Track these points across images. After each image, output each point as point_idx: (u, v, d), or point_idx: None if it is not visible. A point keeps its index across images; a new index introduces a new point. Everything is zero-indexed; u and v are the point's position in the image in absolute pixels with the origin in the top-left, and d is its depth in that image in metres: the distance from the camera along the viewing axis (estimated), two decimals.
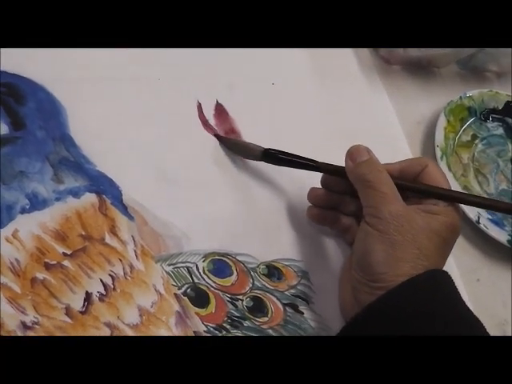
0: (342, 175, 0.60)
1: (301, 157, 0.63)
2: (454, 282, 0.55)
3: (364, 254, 0.56)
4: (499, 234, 0.76)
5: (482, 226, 0.76)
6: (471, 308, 0.54)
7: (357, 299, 0.57)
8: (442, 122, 0.82)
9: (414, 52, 0.83)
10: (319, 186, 0.65)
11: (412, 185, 0.59)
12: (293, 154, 0.63)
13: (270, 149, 0.64)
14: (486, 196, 0.81)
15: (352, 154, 0.59)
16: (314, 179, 0.66)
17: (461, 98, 0.85)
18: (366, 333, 0.52)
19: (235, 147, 0.69)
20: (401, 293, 0.52)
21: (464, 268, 0.74)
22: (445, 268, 0.56)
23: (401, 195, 0.57)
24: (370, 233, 0.56)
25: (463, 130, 0.85)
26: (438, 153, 0.79)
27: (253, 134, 0.71)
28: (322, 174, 0.64)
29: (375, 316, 0.53)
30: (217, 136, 0.69)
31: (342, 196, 0.65)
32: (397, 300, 0.52)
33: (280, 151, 0.64)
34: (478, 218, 0.76)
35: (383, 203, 0.55)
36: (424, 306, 0.52)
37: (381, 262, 0.54)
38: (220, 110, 0.72)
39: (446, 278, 0.55)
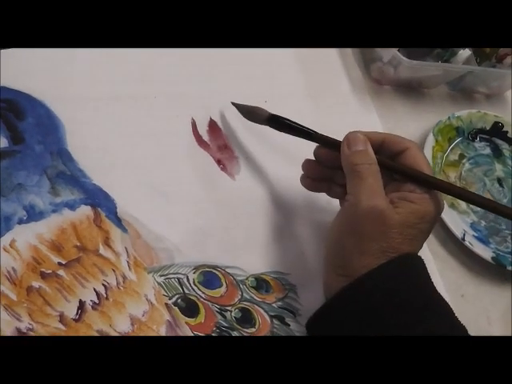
0: (338, 150, 0.61)
1: (301, 125, 0.65)
2: (423, 264, 0.57)
3: (336, 240, 0.58)
4: (484, 251, 0.78)
5: (467, 242, 0.77)
6: None
7: (327, 282, 0.59)
8: (430, 142, 0.84)
9: (405, 73, 0.85)
10: None
11: (391, 164, 0.60)
12: (295, 122, 0.65)
13: (275, 115, 0.66)
14: (472, 213, 0.83)
15: (349, 141, 0.60)
16: (304, 192, 0.68)
17: (449, 118, 0.87)
18: (331, 323, 0.56)
19: (244, 111, 0.72)
20: (365, 282, 0.54)
21: (449, 284, 0.76)
22: None
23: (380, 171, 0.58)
24: (344, 221, 0.58)
25: (451, 150, 0.87)
26: None
27: (245, 149, 0.74)
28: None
29: (340, 307, 0.55)
30: (232, 103, 0.73)
31: (334, 170, 0.66)
32: (361, 289, 0.54)
33: (284, 118, 0.66)
34: (464, 235, 0.78)
35: (366, 195, 0.56)
36: (389, 292, 0.53)
37: (347, 252, 0.56)
38: (213, 126, 0.74)
39: (414, 261, 0.57)
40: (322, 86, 0.85)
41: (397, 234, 0.55)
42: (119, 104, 0.70)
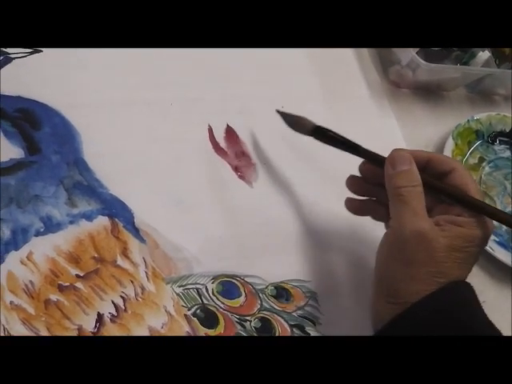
0: (383, 166, 0.59)
1: (346, 138, 0.62)
2: (473, 292, 0.56)
3: (383, 267, 0.57)
4: (505, 256, 0.77)
5: (488, 247, 0.76)
6: None
7: (376, 309, 0.58)
8: (449, 145, 0.82)
9: (423, 76, 0.84)
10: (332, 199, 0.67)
11: (438, 185, 0.58)
12: (340, 135, 0.63)
13: (320, 126, 0.64)
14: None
15: (394, 160, 0.58)
16: (322, 198, 0.67)
17: (468, 121, 0.86)
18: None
19: (289, 120, 0.68)
20: (418, 312, 0.53)
21: None
22: None
23: (426, 192, 0.56)
24: (389, 247, 0.57)
25: (470, 153, 0.85)
26: None
27: (263, 156, 0.73)
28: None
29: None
30: (277, 111, 0.69)
31: (379, 188, 0.62)
32: (414, 320, 0.53)
33: (329, 130, 0.63)
34: None
35: (409, 219, 0.55)
36: (443, 322, 0.52)
37: (396, 279, 0.55)
38: (231, 133, 0.73)
39: (465, 289, 0.56)
40: (338, 90, 0.85)
41: (444, 258, 0.54)
42: (134, 110, 0.70)
